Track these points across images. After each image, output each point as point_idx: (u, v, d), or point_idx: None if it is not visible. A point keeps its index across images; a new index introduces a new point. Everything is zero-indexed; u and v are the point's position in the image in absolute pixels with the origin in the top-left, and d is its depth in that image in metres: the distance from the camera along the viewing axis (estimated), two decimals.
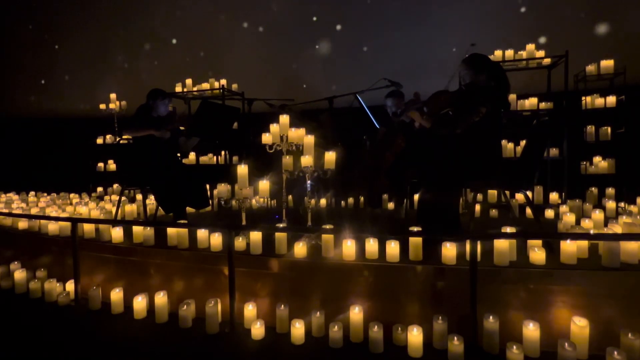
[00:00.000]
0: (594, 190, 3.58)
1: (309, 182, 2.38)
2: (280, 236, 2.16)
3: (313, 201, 2.47)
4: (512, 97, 3.84)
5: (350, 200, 3.98)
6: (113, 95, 5.06)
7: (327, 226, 2.15)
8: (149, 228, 2.44)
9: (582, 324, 1.66)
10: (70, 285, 2.52)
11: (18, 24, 7.11)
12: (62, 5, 6.96)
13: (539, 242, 1.96)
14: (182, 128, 3.29)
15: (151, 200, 3.66)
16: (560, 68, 3.81)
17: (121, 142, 4.44)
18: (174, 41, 6.68)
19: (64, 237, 2.72)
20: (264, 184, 2.32)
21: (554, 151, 3.94)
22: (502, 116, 2.27)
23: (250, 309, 2.06)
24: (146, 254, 2.40)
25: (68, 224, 2.61)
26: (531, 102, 3.93)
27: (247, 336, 1.97)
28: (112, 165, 5.22)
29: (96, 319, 2.26)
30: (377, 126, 3.46)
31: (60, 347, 1.96)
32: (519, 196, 3.49)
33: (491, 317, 1.73)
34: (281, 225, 2.34)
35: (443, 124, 2.37)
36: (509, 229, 1.98)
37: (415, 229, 2.03)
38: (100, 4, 6.89)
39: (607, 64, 3.77)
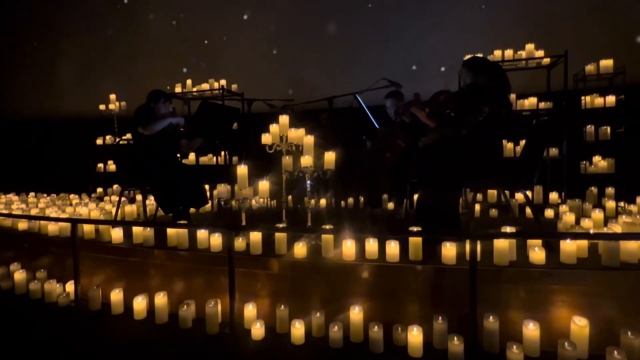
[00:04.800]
0: (594, 189, 3.58)
1: (308, 182, 2.38)
2: (280, 236, 2.16)
3: (313, 201, 2.47)
4: (512, 97, 3.85)
5: (350, 200, 3.98)
6: (113, 96, 5.06)
7: (327, 226, 2.15)
8: (148, 229, 2.44)
9: (582, 323, 1.66)
10: (70, 286, 2.52)
11: (18, 24, 7.11)
12: (62, 6, 6.96)
13: (539, 241, 1.96)
14: (182, 129, 3.29)
15: (151, 201, 3.66)
16: (559, 68, 3.81)
17: (121, 142, 4.45)
18: (174, 41, 6.68)
19: (63, 238, 2.72)
20: (264, 184, 2.32)
21: (553, 151, 3.94)
22: (503, 117, 2.27)
23: (250, 310, 2.06)
24: (146, 255, 2.40)
25: (68, 224, 2.61)
26: (531, 102, 3.93)
27: (247, 336, 1.97)
28: (112, 166, 5.22)
29: (96, 319, 2.26)
30: (377, 126, 3.46)
31: (60, 348, 1.96)
32: (519, 196, 3.50)
33: (491, 317, 1.73)
34: (281, 225, 2.34)
35: (447, 124, 2.37)
36: (508, 229, 1.98)
37: (415, 229, 2.03)
38: (101, 4, 6.90)
39: (607, 63, 3.77)
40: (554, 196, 3.69)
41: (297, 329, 1.89)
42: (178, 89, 4.84)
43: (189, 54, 6.53)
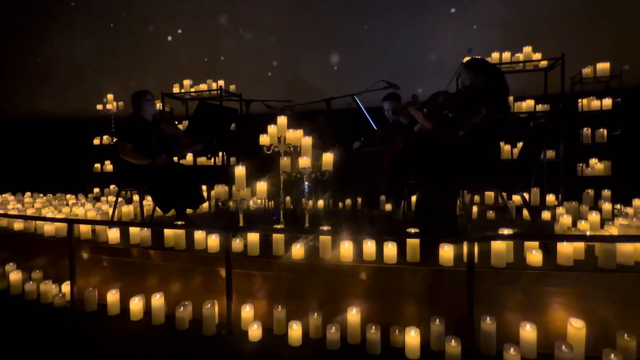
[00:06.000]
0: (590, 192, 3.60)
1: (306, 183, 2.37)
2: (278, 237, 2.16)
3: (311, 202, 2.47)
4: (510, 99, 3.86)
5: (348, 201, 3.98)
6: (110, 96, 5.04)
7: (325, 227, 2.15)
8: (145, 229, 2.43)
9: (579, 325, 1.66)
10: (66, 287, 2.51)
11: (16, 24, 7.08)
12: (61, 6, 6.94)
13: (536, 243, 1.96)
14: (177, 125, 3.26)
15: (148, 201, 3.65)
16: (557, 70, 3.83)
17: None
18: (172, 42, 6.67)
19: (60, 238, 2.71)
20: (262, 185, 2.32)
21: (550, 153, 3.96)
22: (501, 119, 2.28)
23: (247, 311, 2.06)
24: (143, 255, 2.39)
25: (64, 225, 2.60)
26: (528, 104, 3.95)
27: (244, 338, 1.96)
28: (109, 166, 5.20)
29: (92, 320, 2.25)
30: (375, 127, 3.46)
31: (56, 349, 1.95)
32: (516, 198, 3.50)
33: (488, 319, 1.74)
34: (279, 226, 2.34)
35: (445, 125, 2.37)
36: (506, 231, 1.98)
37: (413, 230, 2.03)
38: (99, 5, 6.88)
39: (603, 66, 3.80)
40: (550, 198, 3.70)
41: (295, 331, 1.89)
42: (176, 89, 4.83)
43: (189, 56, 6.52)
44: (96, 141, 5.23)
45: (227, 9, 6.41)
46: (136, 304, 2.20)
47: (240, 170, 2.32)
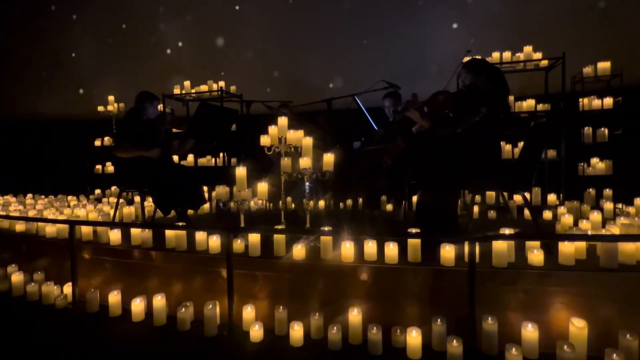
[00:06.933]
0: (592, 191, 3.59)
1: (307, 183, 2.37)
2: (279, 238, 2.16)
3: (312, 203, 2.47)
4: (510, 98, 3.86)
5: (349, 201, 3.97)
6: (111, 97, 5.05)
7: (326, 228, 2.15)
8: (147, 230, 2.44)
9: (581, 325, 1.66)
10: (67, 288, 2.51)
11: (17, 25, 7.10)
12: (61, 7, 6.96)
13: (537, 243, 1.96)
14: (175, 130, 3.27)
15: (149, 202, 3.65)
16: (557, 70, 3.83)
17: None
18: (173, 44, 6.68)
19: (61, 240, 2.71)
20: (263, 186, 2.32)
21: (551, 152, 3.95)
22: (502, 118, 2.28)
23: (248, 311, 2.06)
24: (144, 256, 2.39)
25: (66, 226, 2.60)
26: (529, 104, 3.94)
27: (245, 338, 1.96)
28: (110, 168, 5.21)
29: (94, 321, 2.25)
30: (375, 128, 3.46)
31: (58, 350, 1.95)
32: (517, 197, 3.50)
33: (490, 319, 1.73)
34: (280, 227, 2.34)
35: (443, 124, 2.37)
36: (507, 231, 1.98)
37: (414, 230, 2.03)
38: (100, 6, 6.90)
39: (604, 65, 3.79)
40: (552, 198, 3.70)
41: (296, 331, 1.89)
42: (177, 91, 4.84)
43: (189, 57, 6.54)
44: (97, 142, 5.25)
45: (227, 8, 6.42)
46: (138, 305, 2.20)
47: (241, 171, 2.32)
